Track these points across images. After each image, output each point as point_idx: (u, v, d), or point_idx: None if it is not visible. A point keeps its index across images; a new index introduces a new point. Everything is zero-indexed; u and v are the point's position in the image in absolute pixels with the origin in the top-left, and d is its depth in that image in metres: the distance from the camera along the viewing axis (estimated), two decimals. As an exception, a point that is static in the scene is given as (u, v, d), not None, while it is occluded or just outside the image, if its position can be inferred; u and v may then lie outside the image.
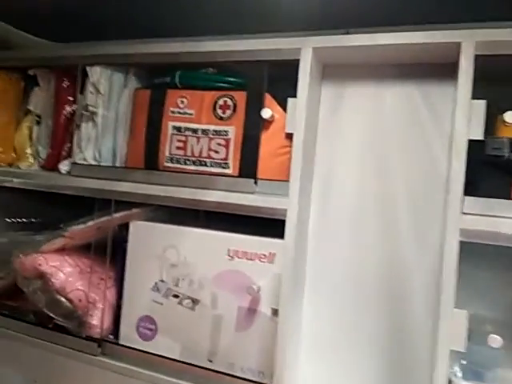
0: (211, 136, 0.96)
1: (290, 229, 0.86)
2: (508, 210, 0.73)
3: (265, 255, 0.93)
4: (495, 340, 0.70)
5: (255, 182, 0.91)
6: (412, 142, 0.91)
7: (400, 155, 0.92)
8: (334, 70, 0.98)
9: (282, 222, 0.87)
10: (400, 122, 0.92)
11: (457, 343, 0.73)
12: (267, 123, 0.93)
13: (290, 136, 0.90)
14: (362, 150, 0.95)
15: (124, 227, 1.07)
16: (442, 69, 0.86)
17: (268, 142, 0.93)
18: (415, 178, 0.90)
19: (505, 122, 0.71)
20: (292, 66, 0.87)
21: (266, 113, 0.89)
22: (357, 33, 0.88)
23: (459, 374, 0.74)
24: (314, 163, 0.98)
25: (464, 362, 0.82)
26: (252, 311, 0.94)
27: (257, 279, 0.93)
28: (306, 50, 0.87)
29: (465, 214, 0.74)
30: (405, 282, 0.89)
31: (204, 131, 0.97)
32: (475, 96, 0.76)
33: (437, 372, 0.73)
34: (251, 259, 0.94)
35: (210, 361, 0.97)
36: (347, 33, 0.98)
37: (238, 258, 0.95)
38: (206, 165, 0.97)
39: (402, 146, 0.92)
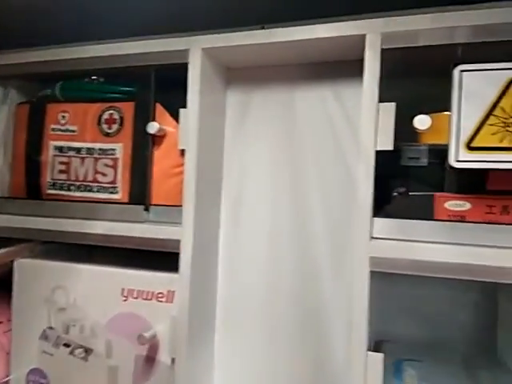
0: (97, 156, 0.82)
1: (185, 263, 0.73)
2: (428, 232, 0.61)
3: (162, 294, 0.79)
4: None
5: (146, 209, 0.77)
6: (327, 152, 0.79)
7: (315, 169, 0.80)
8: (239, 74, 0.85)
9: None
10: (314, 129, 0.80)
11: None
12: (159, 139, 0.79)
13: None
14: (275, 165, 0.83)
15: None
16: (353, 67, 0.74)
17: (161, 161, 0.79)
18: (331, 194, 0.78)
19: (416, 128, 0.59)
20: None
21: (152, 127, 0.76)
22: (256, 29, 0.75)
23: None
24: (220, 183, 0.84)
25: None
26: (151, 360, 0.79)
27: (154, 322, 0.79)
28: (195, 51, 0.74)
29: (374, 238, 0.61)
30: (324, 317, 0.76)
31: (89, 150, 0.83)
32: (390, 98, 0.64)
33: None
34: (148, 299, 0.80)
35: (108, 420, 0.82)
36: (263, 28, 0.84)
37: (133, 298, 0.80)
38: (92, 190, 0.82)
39: (316, 158, 0.80)
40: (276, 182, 0.82)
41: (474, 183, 0.64)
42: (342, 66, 0.76)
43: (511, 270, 0.57)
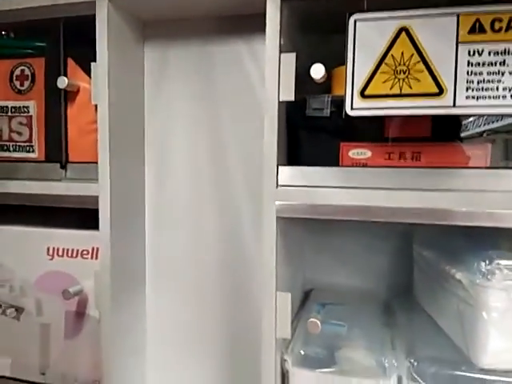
0: (11, 114, 0.80)
1: (103, 219, 0.74)
2: (330, 178, 0.64)
3: (87, 251, 0.80)
4: (314, 325, 0.62)
5: (62, 167, 0.77)
6: (245, 109, 0.80)
7: (234, 127, 0.81)
8: (155, 29, 0.84)
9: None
10: (230, 83, 0.81)
11: (282, 330, 0.65)
12: (73, 95, 0.78)
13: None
14: (194, 122, 0.83)
15: None
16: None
17: (76, 118, 0.78)
18: (248, 145, 0.80)
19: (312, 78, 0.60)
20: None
21: (61, 82, 0.74)
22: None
23: (290, 362, 0.67)
24: (142, 138, 0.85)
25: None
26: (80, 315, 0.81)
27: (81, 279, 0.80)
28: (102, 2, 0.71)
29: (281, 186, 0.64)
30: (245, 261, 0.80)
31: (2, 109, 0.80)
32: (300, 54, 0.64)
33: (264, 363, 0.65)
34: (73, 256, 0.81)
35: (43, 373, 0.84)
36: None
37: (59, 256, 0.81)
38: (8, 149, 0.81)
39: (235, 115, 0.81)
40: (196, 138, 0.83)
41: (374, 132, 0.67)
42: (255, 19, 0.76)
43: (400, 210, 0.61)
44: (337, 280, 0.96)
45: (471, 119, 0.70)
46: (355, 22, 0.59)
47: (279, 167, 0.64)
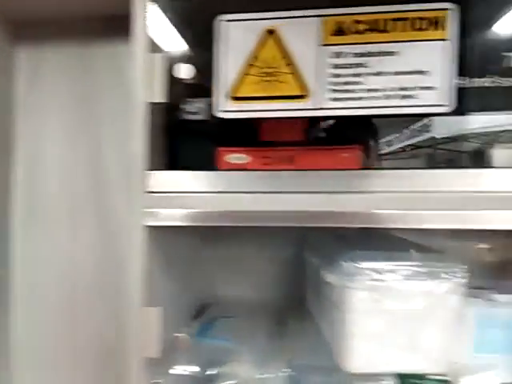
0: None
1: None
2: (206, 183, 0.61)
3: None
4: (182, 341, 0.58)
5: None
6: (122, 109, 0.75)
7: (112, 127, 0.76)
8: (28, 30, 0.77)
9: None
10: (108, 85, 0.75)
11: (149, 349, 0.59)
12: None
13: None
14: (71, 123, 0.77)
15: None
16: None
17: None
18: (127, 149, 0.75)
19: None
20: None
21: None
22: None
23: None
24: (11, 142, 0.76)
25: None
26: None
27: None
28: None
29: (150, 192, 0.60)
30: (120, 286, 0.74)
31: None
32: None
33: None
34: None
35: None
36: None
37: None
38: None
39: (112, 116, 0.76)
40: (73, 137, 0.77)
41: (251, 136, 0.65)
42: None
43: (275, 214, 0.59)
44: (235, 292, 0.93)
45: (395, 136, 0.72)
46: (223, 22, 0.57)
47: (151, 172, 0.59)
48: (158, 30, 0.60)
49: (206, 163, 0.65)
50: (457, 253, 0.71)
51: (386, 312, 0.59)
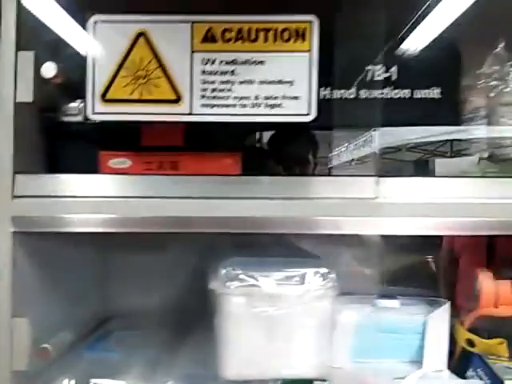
0: None
1: None
2: (85, 187, 0.59)
3: None
4: (43, 353, 0.56)
5: None
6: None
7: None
8: None
9: None
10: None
11: (18, 361, 0.57)
12: None
13: None
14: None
15: None
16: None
17: None
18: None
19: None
20: None
21: None
22: None
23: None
24: None
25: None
26: None
27: None
28: None
29: (17, 197, 0.57)
30: None
31: None
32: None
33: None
34: None
35: None
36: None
37: None
38: None
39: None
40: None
41: (133, 140, 0.64)
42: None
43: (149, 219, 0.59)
44: (140, 303, 0.91)
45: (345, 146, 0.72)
46: (95, 23, 0.56)
47: (19, 175, 0.57)
48: (28, 27, 0.58)
49: (88, 167, 0.63)
50: (339, 258, 0.73)
51: (262, 317, 0.60)
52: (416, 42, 0.60)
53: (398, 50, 0.59)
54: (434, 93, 0.58)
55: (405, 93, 0.58)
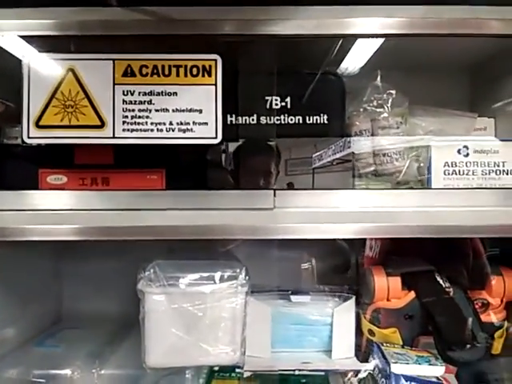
0: None
1: None
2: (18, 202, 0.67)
3: None
4: None
5: None
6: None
7: None
8: None
9: None
10: None
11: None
12: None
13: None
14: None
15: None
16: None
17: None
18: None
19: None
20: None
21: None
22: None
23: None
24: None
25: None
26: None
27: None
28: None
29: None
30: None
31: None
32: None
33: None
34: None
35: None
36: None
37: None
38: None
39: None
40: None
41: (67, 159, 0.73)
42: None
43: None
44: (89, 305, 0.98)
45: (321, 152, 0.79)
46: (30, 60, 0.65)
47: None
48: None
49: (29, 184, 0.71)
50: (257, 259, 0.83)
51: (180, 312, 0.69)
52: (306, 76, 0.70)
53: (292, 83, 0.70)
54: (323, 119, 0.69)
55: (298, 119, 0.69)
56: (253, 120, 0.68)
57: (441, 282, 0.77)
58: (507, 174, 0.67)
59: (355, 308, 0.81)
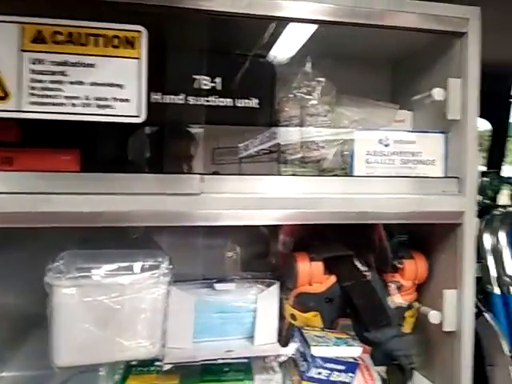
0: None
1: None
2: None
3: None
4: None
5: None
6: None
7: None
8: None
9: None
10: None
11: None
12: None
13: None
14: None
15: None
16: None
17: None
18: None
19: None
20: None
21: None
22: None
23: None
24: None
25: None
26: None
27: None
28: None
29: None
30: None
31: None
32: None
33: None
34: None
35: None
36: None
37: None
38: None
39: None
40: None
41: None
42: None
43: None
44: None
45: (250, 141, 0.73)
46: None
47: None
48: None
49: None
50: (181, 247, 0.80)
51: (94, 306, 0.63)
52: (237, 57, 0.68)
53: (223, 64, 0.67)
54: (253, 102, 0.67)
55: (228, 101, 0.66)
56: (180, 100, 0.64)
57: (359, 266, 0.80)
58: (422, 163, 0.72)
59: (279, 293, 0.81)
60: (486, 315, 0.97)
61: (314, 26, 0.70)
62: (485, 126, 1.60)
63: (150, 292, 0.65)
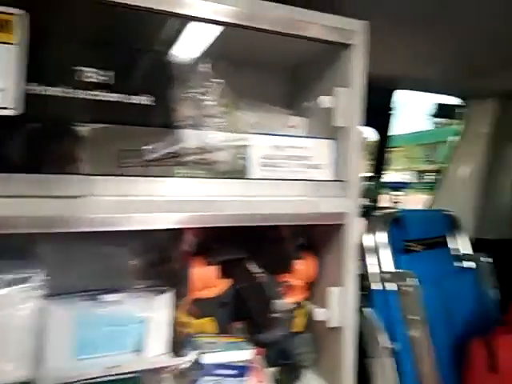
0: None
1: None
2: None
3: None
4: None
5: None
6: None
7: None
8: None
9: None
10: None
11: None
12: None
13: None
14: None
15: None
16: None
17: None
18: None
19: None
20: None
21: None
22: None
23: None
24: None
25: None
26: None
27: None
28: None
29: None
30: None
31: None
32: None
33: None
34: None
35: None
36: None
37: None
38: None
39: None
40: None
41: None
42: None
43: None
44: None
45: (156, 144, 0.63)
46: None
47: None
48: None
49: None
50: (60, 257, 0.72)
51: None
52: (136, 53, 0.64)
53: (118, 58, 0.62)
54: (148, 100, 0.63)
55: (121, 97, 0.61)
56: (59, 92, 0.57)
57: (251, 268, 0.80)
58: (314, 168, 0.74)
59: (173, 302, 0.77)
60: (366, 310, 1.05)
61: (217, 28, 0.68)
62: (375, 136, 1.75)
63: (18, 308, 0.57)
